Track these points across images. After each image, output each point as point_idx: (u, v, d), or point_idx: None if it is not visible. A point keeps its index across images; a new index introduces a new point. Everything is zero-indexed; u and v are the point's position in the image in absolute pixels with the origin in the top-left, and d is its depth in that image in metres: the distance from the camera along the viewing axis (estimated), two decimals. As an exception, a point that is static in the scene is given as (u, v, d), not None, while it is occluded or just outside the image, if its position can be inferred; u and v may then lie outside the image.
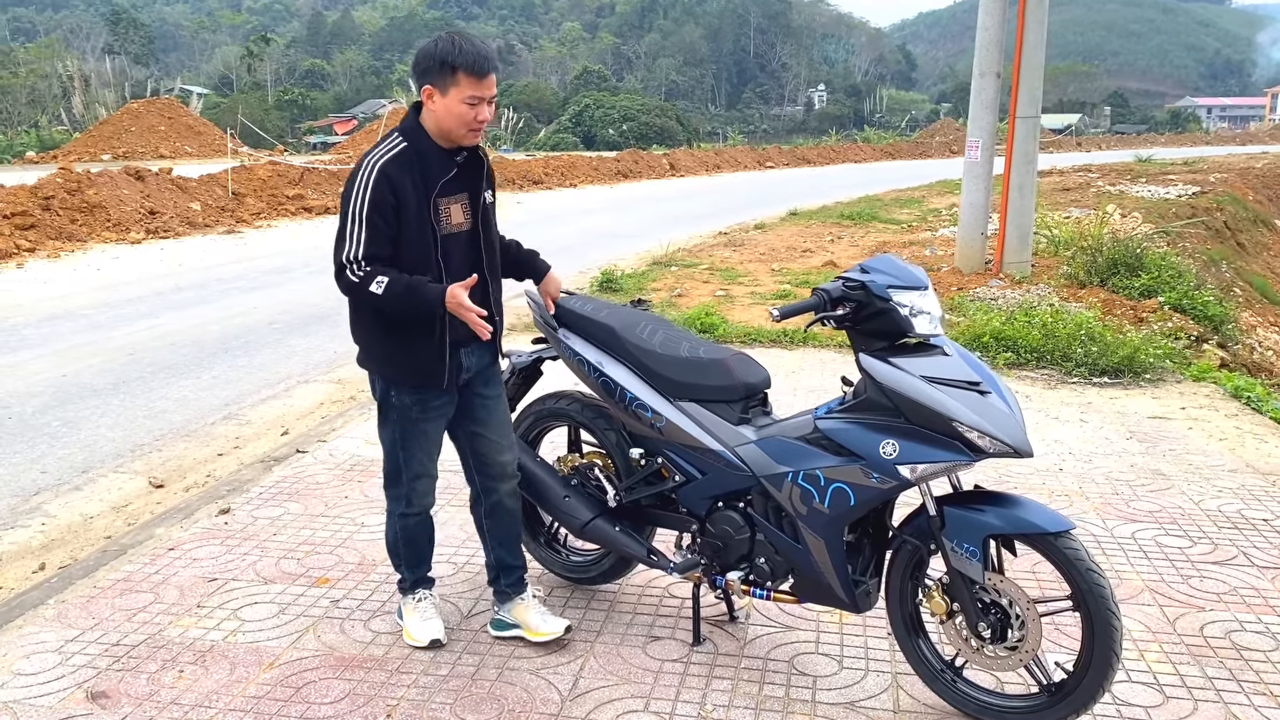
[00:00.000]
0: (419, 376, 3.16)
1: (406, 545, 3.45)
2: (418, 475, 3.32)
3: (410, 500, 3.35)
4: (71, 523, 4.77)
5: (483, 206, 3.21)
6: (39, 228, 13.94)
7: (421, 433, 3.26)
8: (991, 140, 11.63)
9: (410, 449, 3.28)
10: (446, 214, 3.10)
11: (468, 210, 3.17)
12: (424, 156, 3.04)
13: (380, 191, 2.96)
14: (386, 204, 2.96)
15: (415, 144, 3.06)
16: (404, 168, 3.00)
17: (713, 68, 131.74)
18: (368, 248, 2.96)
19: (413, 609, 3.47)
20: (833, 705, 3.11)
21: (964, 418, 2.76)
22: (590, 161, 33.34)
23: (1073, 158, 46.15)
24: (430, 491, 3.39)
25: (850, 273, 2.99)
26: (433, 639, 3.39)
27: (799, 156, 48.00)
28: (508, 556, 3.50)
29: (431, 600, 3.51)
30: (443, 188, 3.06)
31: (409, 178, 3.00)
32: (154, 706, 3.07)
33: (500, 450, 3.40)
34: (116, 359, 7.81)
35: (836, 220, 19.15)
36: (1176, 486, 5.03)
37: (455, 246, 3.12)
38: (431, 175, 3.04)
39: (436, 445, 3.33)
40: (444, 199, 3.08)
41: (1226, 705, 3.11)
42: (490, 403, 3.36)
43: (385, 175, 2.97)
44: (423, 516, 3.42)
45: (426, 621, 3.44)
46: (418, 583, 3.51)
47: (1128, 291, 9.96)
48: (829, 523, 2.99)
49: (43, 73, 66.49)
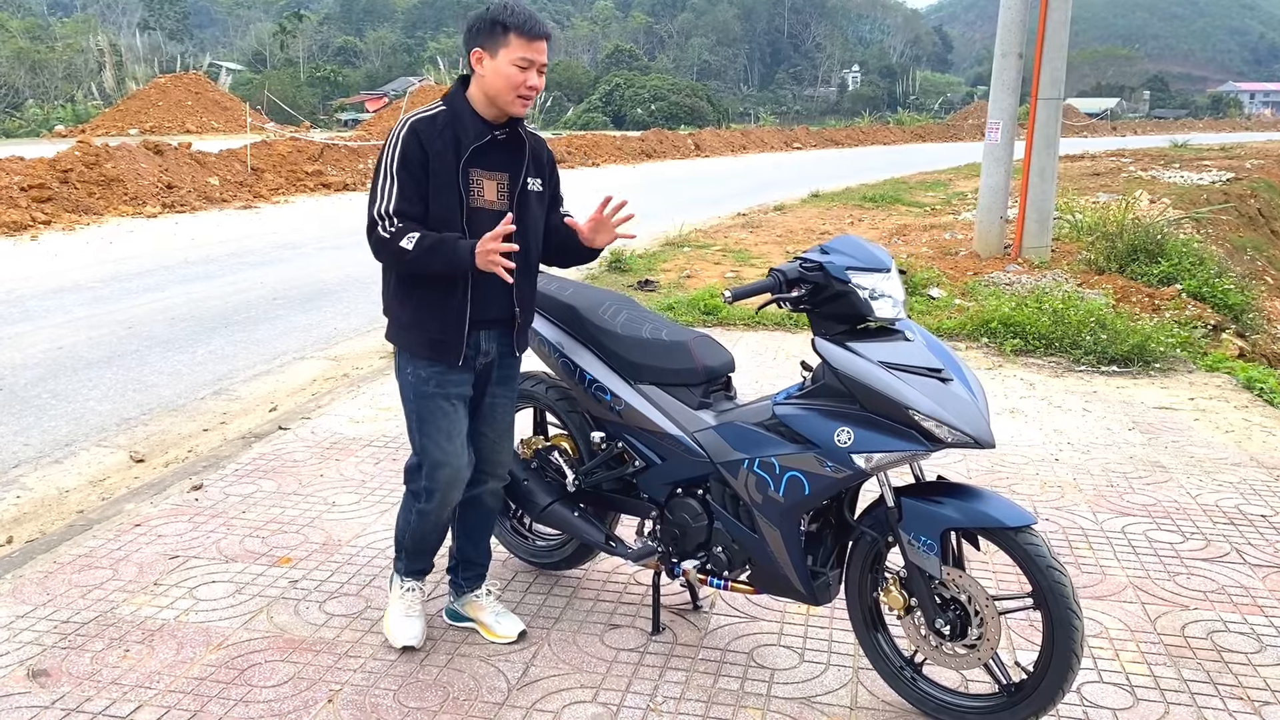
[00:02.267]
0: (436, 348, 3.02)
1: (414, 539, 3.26)
2: (437, 464, 3.08)
3: (430, 493, 3.12)
4: (46, 496, 4.73)
5: (522, 191, 3.04)
6: (56, 200, 13.99)
7: (440, 410, 3.06)
8: (1012, 122, 11.42)
9: (428, 430, 3.08)
10: (478, 186, 2.97)
11: (504, 192, 3.02)
12: (459, 120, 2.95)
13: (409, 147, 2.89)
14: (416, 160, 2.89)
15: (454, 108, 2.97)
16: (436, 129, 2.92)
17: (746, 48, 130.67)
18: (398, 203, 2.88)
19: (399, 597, 3.32)
20: (787, 700, 3.00)
21: (921, 406, 2.63)
22: (614, 141, 33.15)
23: (1107, 142, 45.47)
24: (455, 486, 3.12)
25: (809, 253, 2.87)
26: (405, 644, 3.21)
27: (827, 138, 47.57)
28: (472, 551, 3.39)
29: (419, 594, 3.34)
30: (475, 156, 2.94)
31: (440, 139, 2.91)
32: (93, 686, 3.01)
33: (497, 450, 3.28)
34: (115, 332, 7.79)
35: (858, 203, 18.93)
36: (1175, 480, 4.87)
37: (484, 223, 2.93)
38: (464, 140, 2.93)
39: (459, 430, 3.10)
40: (476, 169, 2.96)
41: (1199, 709, 2.98)
42: (500, 402, 3.23)
43: (415, 132, 2.90)
44: (442, 515, 3.20)
45: (408, 619, 3.27)
46: (412, 571, 3.34)
47: (1146, 278, 9.74)
48: (784, 512, 2.89)
49: (78, 47, 66.92)
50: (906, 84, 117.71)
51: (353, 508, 4.38)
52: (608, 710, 2.94)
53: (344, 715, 2.89)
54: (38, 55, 63.20)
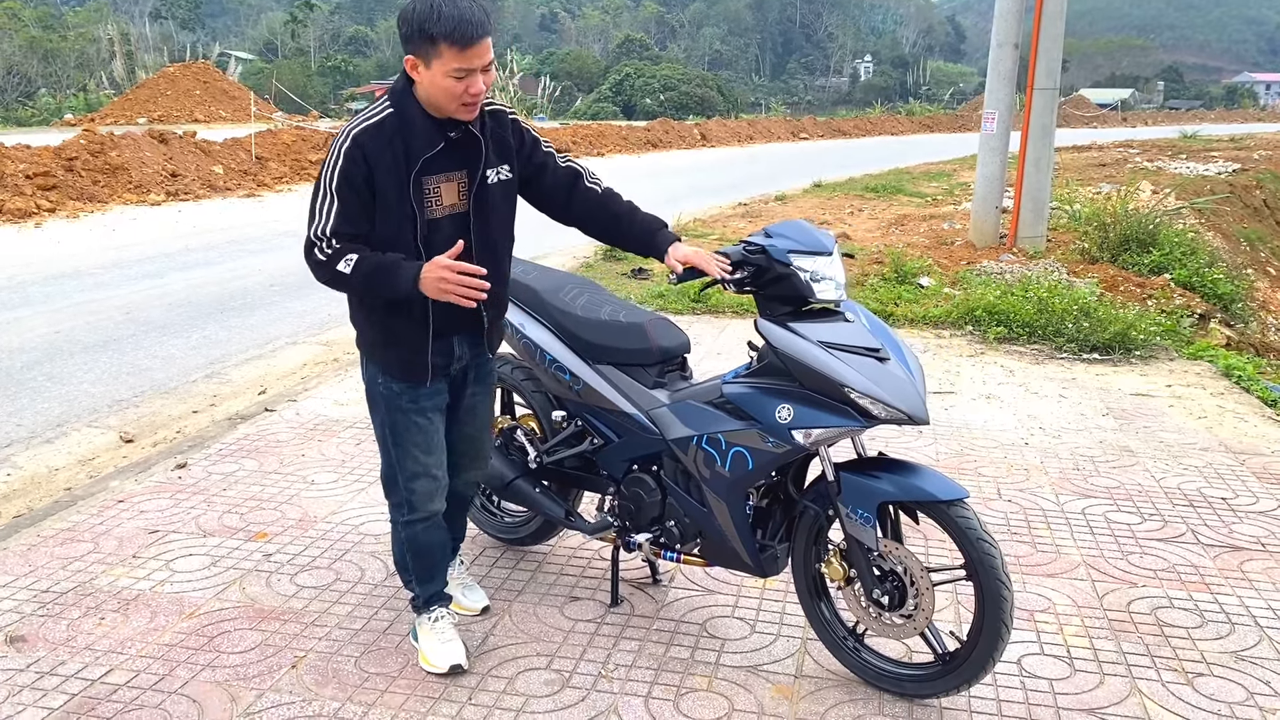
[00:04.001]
0: (404, 370, 2.88)
1: (415, 557, 3.09)
2: (414, 475, 2.96)
3: (412, 505, 3.00)
4: (36, 474, 4.86)
5: (481, 187, 2.82)
6: (61, 188, 14.15)
7: (414, 425, 2.93)
8: (1008, 113, 11.45)
9: (402, 444, 2.94)
10: (435, 194, 2.75)
11: (464, 191, 2.80)
12: (409, 127, 2.68)
13: (352, 163, 2.64)
14: (359, 175, 2.64)
15: (402, 111, 2.69)
16: (383, 139, 2.66)
17: (757, 37, 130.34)
18: (337, 222, 2.65)
19: (429, 630, 3.10)
20: (735, 668, 3.11)
21: (856, 384, 2.73)
22: (620, 131, 33.19)
23: (1116, 133, 45.31)
24: (435, 495, 3.01)
25: (753, 236, 2.97)
26: (453, 664, 3.02)
27: (834, 128, 47.49)
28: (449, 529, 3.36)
29: (450, 619, 3.14)
30: (427, 164, 2.70)
31: (389, 151, 2.65)
32: (68, 651, 3.14)
33: (478, 444, 3.20)
34: (112, 317, 7.93)
35: (860, 193, 18.96)
36: (1141, 463, 4.95)
37: (443, 230, 2.76)
38: (414, 149, 2.68)
39: (435, 442, 2.98)
40: (431, 177, 2.72)
41: (1134, 680, 3.07)
42: (478, 399, 3.13)
43: (359, 146, 2.64)
44: (431, 521, 3.04)
45: (446, 645, 3.07)
46: (432, 599, 3.15)
47: (1137, 268, 9.79)
48: (730, 486, 2.99)
49: (91, 37, 67.18)
50: (918, 74, 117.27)
51: (330, 486, 4.50)
52: (560, 677, 3.05)
53: (306, 680, 3.01)
54: (50, 44, 63.48)
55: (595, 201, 3.08)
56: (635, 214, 3.08)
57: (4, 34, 62.45)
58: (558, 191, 3.05)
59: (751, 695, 2.97)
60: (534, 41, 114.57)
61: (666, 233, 3.05)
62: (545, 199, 3.08)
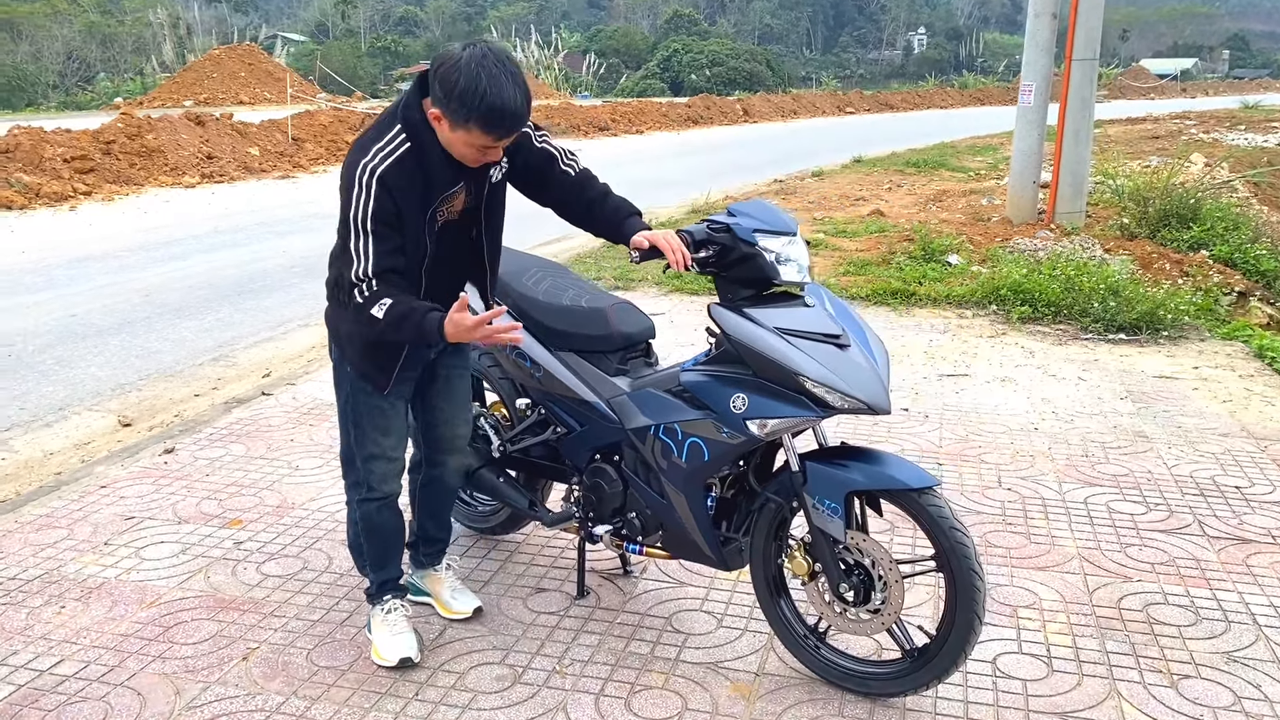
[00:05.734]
0: (366, 377, 2.86)
1: (369, 538, 3.06)
2: (372, 456, 2.94)
3: (369, 485, 2.97)
4: (30, 458, 4.88)
5: (490, 187, 2.81)
6: (98, 171, 14.32)
7: (377, 409, 2.91)
8: (1046, 84, 11.13)
9: (362, 426, 2.93)
10: (446, 209, 2.74)
11: (469, 197, 2.78)
12: (427, 162, 2.63)
13: (382, 202, 2.58)
14: (390, 213, 2.60)
15: (419, 144, 2.62)
16: (405, 177, 2.60)
17: (808, 10, 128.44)
18: (378, 261, 2.60)
19: (381, 621, 3.05)
20: (694, 665, 3.00)
21: (810, 372, 2.59)
22: (660, 108, 32.93)
23: (1175, 104, 44.06)
24: (391, 477, 2.99)
25: (717, 215, 2.84)
26: (402, 658, 2.96)
27: (881, 102, 46.76)
28: (433, 528, 3.34)
29: (403, 610, 3.08)
30: (444, 199, 2.70)
31: (412, 190, 2.62)
32: (22, 640, 3.12)
33: (456, 425, 3.14)
34: (130, 300, 7.98)
35: (900, 168, 18.60)
36: (1155, 450, 4.75)
37: (451, 234, 2.79)
38: (434, 187, 2.66)
39: (395, 425, 2.95)
40: (445, 203, 2.73)
41: (1114, 681, 2.91)
42: (453, 374, 3.09)
43: (385, 186, 2.58)
44: (385, 501, 3.01)
45: (397, 637, 3.01)
46: (385, 587, 3.10)
47: (1176, 244, 9.45)
48: (687, 477, 2.88)
49: (146, 21, 68.19)
50: (973, 46, 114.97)
51: (314, 472, 4.46)
52: (513, 672, 2.97)
53: (254, 672, 2.96)
54: (108, 29, 64.58)
55: (570, 185, 2.99)
56: (608, 199, 2.99)
57: (64, 19, 63.64)
58: (530, 173, 2.96)
59: (708, 694, 2.87)
60: (582, 18, 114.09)
61: (635, 221, 2.93)
62: (520, 180, 2.99)
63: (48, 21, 61.74)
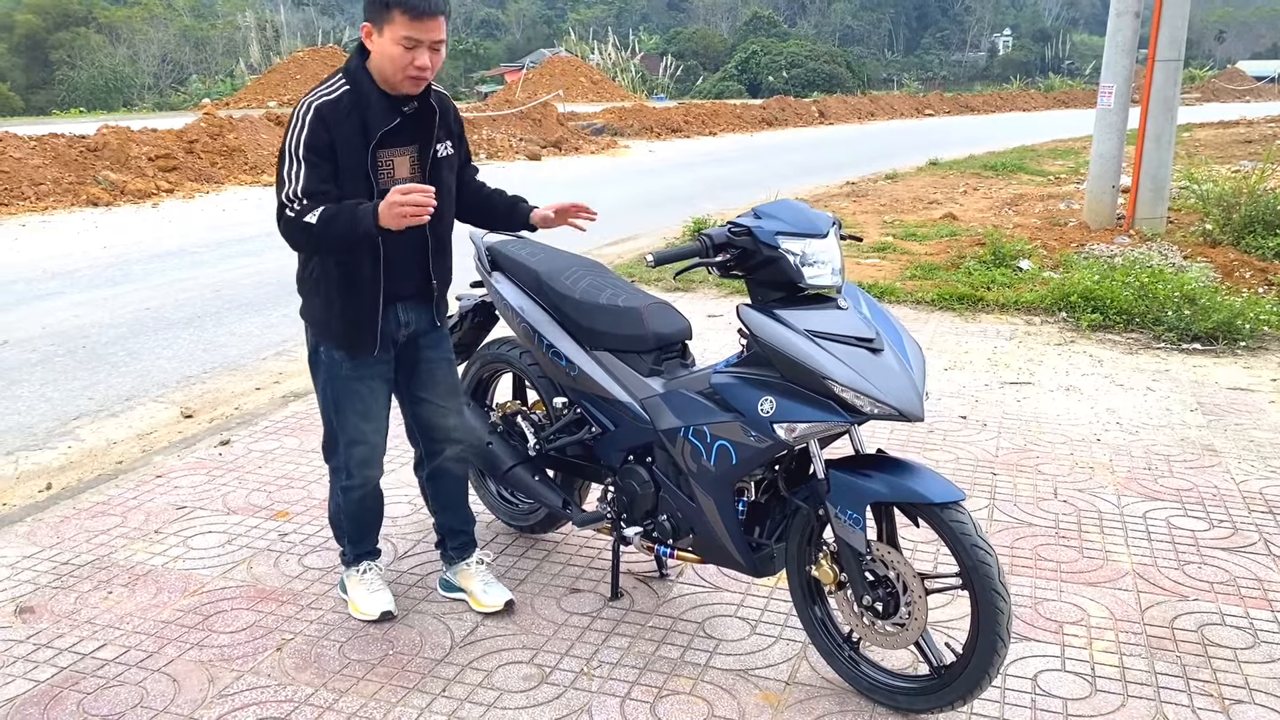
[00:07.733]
0: (349, 339, 2.96)
1: (350, 519, 3.23)
2: (353, 441, 3.05)
3: (349, 471, 3.10)
4: (94, 447, 5.02)
5: (434, 160, 2.95)
6: (181, 170, 14.74)
7: (354, 393, 3.01)
8: (1127, 86, 10.85)
9: (343, 411, 3.04)
10: (388, 168, 2.86)
11: (415, 165, 2.92)
12: (364, 100, 2.79)
13: (315, 134, 2.74)
14: (322, 143, 2.74)
15: (357, 87, 2.80)
16: (341, 112, 2.76)
17: (891, 11, 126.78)
18: (307, 185, 2.73)
19: (357, 582, 3.26)
20: (723, 671, 2.96)
21: (840, 376, 2.54)
22: (734, 109, 32.76)
23: (1271, 107, 42.46)
24: (371, 463, 3.11)
25: (741, 217, 2.80)
26: (383, 610, 3.17)
27: (961, 104, 45.93)
28: (453, 520, 3.37)
29: (377, 571, 3.30)
30: (384, 138, 2.81)
31: (347, 123, 2.76)
32: (69, 625, 3.20)
33: (445, 415, 3.19)
34: (202, 294, 8.19)
35: (977, 171, 18.24)
36: (1223, 464, 4.56)
37: None
38: (372, 124, 2.79)
39: (375, 410, 3.06)
40: (386, 150, 2.84)
41: (1160, 703, 2.80)
42: (435, 365, 3.15)
43: (320, 116, 2.75)
44: (366, 490, 3.15)
45: (375, 594, 3.22)
46: (361, 556, 3.29)
47: (1261, 251, 9.09)
48: (716, 481, 2.84)
49: (236, 24, 70.13)
50: (1059, 48, 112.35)
51: (362, 466, 4.50)
52: (540, 671, 2.96)
53: (286, 663, 2.99)
54: (201, 32, 66.55)
55: (472, 189, 3.26)
56: (499, 191, 3.31)
57: (160, 23, 65.75)
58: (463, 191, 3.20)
59: (735, 700, 2.82)
60: (662, 21, 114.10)
61: (526, 204, 3.25)
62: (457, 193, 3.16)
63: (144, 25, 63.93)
